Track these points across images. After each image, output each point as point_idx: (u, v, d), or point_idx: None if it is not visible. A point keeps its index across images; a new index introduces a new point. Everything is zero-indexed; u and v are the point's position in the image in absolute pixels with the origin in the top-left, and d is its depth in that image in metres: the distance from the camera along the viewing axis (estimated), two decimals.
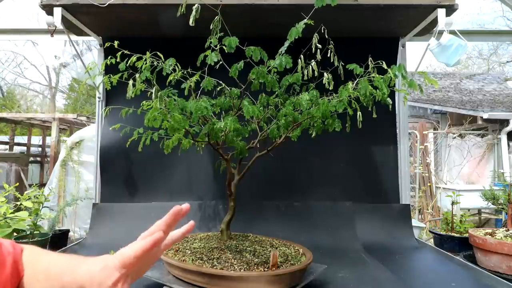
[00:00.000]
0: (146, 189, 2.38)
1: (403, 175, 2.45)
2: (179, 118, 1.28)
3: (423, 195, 6.27)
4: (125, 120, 1.64)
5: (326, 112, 1.28)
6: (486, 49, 17.19)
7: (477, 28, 10.60)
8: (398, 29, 2.35)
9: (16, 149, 7.66)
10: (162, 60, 1.43)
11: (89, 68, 1.71)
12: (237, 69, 1.32)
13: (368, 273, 1.60)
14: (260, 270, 1.24)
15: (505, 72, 14.84)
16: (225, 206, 2.25)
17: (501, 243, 1.70)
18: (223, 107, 1.56)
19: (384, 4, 1.97)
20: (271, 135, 1.51)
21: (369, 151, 2.44)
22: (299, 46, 1.37)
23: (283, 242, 1.62)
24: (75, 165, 4.43)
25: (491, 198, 2.31)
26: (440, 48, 2.00)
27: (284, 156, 2.28)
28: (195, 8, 1.33)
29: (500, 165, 6.59)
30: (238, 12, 2.03)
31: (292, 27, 1.29)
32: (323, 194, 2.35)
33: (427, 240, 2.64)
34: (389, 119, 2.45)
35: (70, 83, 16.84)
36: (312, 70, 1.41)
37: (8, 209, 2.00)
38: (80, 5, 1.98)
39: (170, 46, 1.93)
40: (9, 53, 15.94)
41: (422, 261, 1.98)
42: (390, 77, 1.26)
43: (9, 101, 16.04)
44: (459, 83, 9.58)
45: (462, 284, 1.53)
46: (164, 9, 2.00)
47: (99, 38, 2.44)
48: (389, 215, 2.31)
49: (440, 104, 7.82)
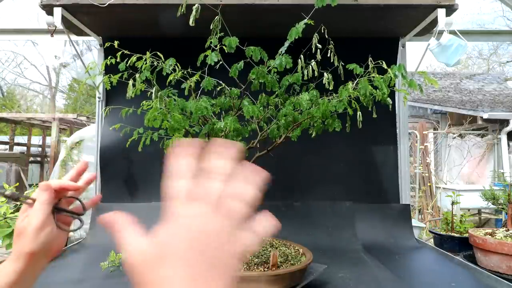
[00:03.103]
0: (146, 189, 2.38)
1: (403, 175, 2.45)
2: (179, 118, 1.28)
3: (423, 195, 6.27)
4: (125, 120, 1.64)
5: (326, 112, 1.28)
6: (486, 49, 17.20)
7: (477, 28, 10.60)
8: (398, 29, 2.35)
9: (16, 149, 7.66)
10: (162, 60, 1.43)
11: (89, 68, 1.71)
12: (237, 69, 1.32)
13: (368, 273, 1.60)
14: (260, 270, 1.24)
15: (505, 72, 14.85)
16: None
17: (501, 243, 1.70)
18: (223, 107, 1.56)
19: (384, 4, 1.97)
20: (271, 135, 1.51)
21: (369, 151, 2.44)
22: (299, 46, 1.37)
23: (283, 242, 1.62)
24: (75, 165, 4.43)
25: (491, 198, 2.31)
26: (440, 48, 2.00)
27: (284, 156, 2.27)
28: (195, 8, 1.33)
29: (500, 165, 6.59)
30: (238, 12, 2.03)
31: (292, 27, 1.29)
32: (323, 194, 2.34)
33: (427, 240, 2.64)
34: (389, 119, 2.45)
35: (70, 83, 16.86)
36: (312, 70, 1.41)
37: (8, 209, 2.00)
38: (80, 5, 1.98)
39: (170, 46, 1.92)
40: (9, 53, 15.95)
41: (422, 261, 1.98)
42: (390, 77, 1.26)
43: (9, 101, 16.04)
44: (459, 83, 9.58)
45: (462, 284, 1.53)
46: (164, 9, 2.00)
47: (99, 38, 2.44)
48: (389, 215, 2.31)
49: (440, 104, 7.83)
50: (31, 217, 0.62)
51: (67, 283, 1.44)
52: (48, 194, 0.65)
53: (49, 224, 0.63)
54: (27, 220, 0.63)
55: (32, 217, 0.63)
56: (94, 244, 2.02)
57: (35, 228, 0.61)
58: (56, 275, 1.49)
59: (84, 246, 2.02)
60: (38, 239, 0.61)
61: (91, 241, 2.08)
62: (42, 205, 0.63)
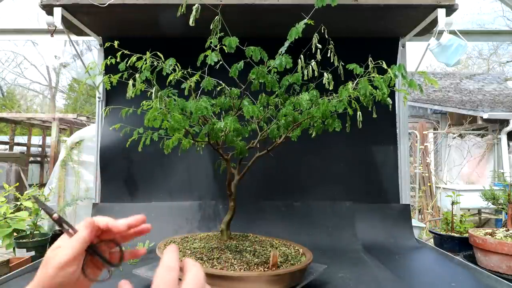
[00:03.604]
0: (146, 189, 2.38)
1: (403, 175, 2.45)
2: (179, 118, 1.28)
3: (423, 195, 6.27)
4: (125, 120, 1.64)
5: (326, 112, 1.28)
6: (486, 49, 17.20)
7: (477, 28, 10.60)
8: (398, 29, 2.35)
9: (16, 149, 7.66)
10: (162, 60, 1.43)
11: (89, 68, 1.71)
12: (237, 69, 1.32)
13: (368, 273, 1.60)
14: (260, 270, 1.24)
15: (505, 72, 14.85)
16: (225, 206, 2.25)
17: (501, 243, 1.70)
18: (223, 107, 1.56)
19: (384, 4, 1.97)
20: (271, 135, 1.51)
21: (369, 151, 2.44)
22: (299, 46, 1.37)
23: (283, 242, 1.62)
24: (75, 165, 4.43)
25: (491, 198, 2.31)
26: (440, 48, 2.00)
27: (284, 156, 2.28)
28: (195, 8, 1.33)
29: (500, 165, 6.59)
30: (238, 12, 2.03)
31: (292, 27, 1.29)
32: (323, 194, 2.35)
33: (427, 240, 2.64)
34: (389, 119, 2.45)
35: (70, 83, 16.86)
36: (312, 70, 1.41)
37: (8, 209, 2.00)
38: (80, 5, 1.98)
39: (170, 46, 1.93)
40: (9, 53, 15.95)
41: (422, 261, 1.98)
42: (390, 77, 1.26)
43: (9, 101, 16.04)
44: (459, 83, 9.58)
45: (462, 284, 1.53)
46: (164, 9, 2.00)
47: (99, 38, 2.44)
48: (389, 215, 2.31)
49: (440, 104, 7.82)
50: (60, 251, 0.58)
51: None
52: (87, 233, 0.59)
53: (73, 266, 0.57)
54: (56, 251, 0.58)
55: (61, 251, 0.58)
56: None
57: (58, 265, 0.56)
58: None
59: None
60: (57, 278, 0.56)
61: None
62: (76, 242, 0.58)
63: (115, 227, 0.63)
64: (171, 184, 2.38)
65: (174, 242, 1.53)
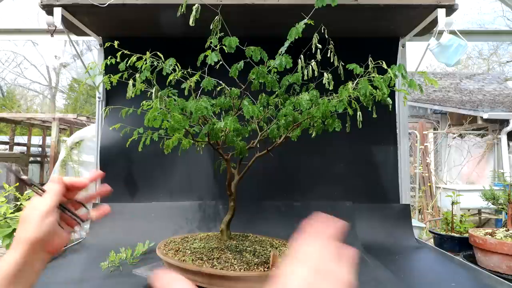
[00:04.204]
0: (146, 189, 2.38)
1: (403, 175, 2.45)
2: (179, 118, 1.28)
3: (423, 195, 6.27)
4: (125, 120, 1.64)
5: (326, 112, 1.28)
6: (486, 49, 17.21)
7: (477, 28, 10.60)
8: (398, 29, 2.35)
9: (16, 149, 7.66)
10: (162, 60, 1.43)
11: (89, 68, 1.71)
12: (237, 69, 1.32)
13: (368, 273, 1.60)
14: (260, 270, 1.24)
15: (505, 72, 14.86)
16: (225, 206, 2.25)
17: (501, 243, 1.70)
18: (223, 107, 1.56)
19: (384, 4, 1.97)
20: (271, 135, 1.50)
21: (369, 151, 2.44)
22: (299, 46, 1.37)
23: (283, 242, 1.62)
24: (75, 165, 4.43)
25: (491, 198, 2.31)
26: (440, 48, 2.00)
27: (284, 156, 2.28)
28: (195, 8, 1.33)
29: (500, 165, 6.60)
30: (238, 12, 2.03)
31: (292, 27, 1.29)
32: (323, 194, 2.35)
33: (427, 240, 2.64)
34: (389, 119, 2.45)
35: (70, 83, 16.87)
36: (312, 70, 1.41)
37: (8, 209, 2.00)
38: (80, 5, 1.97)
39: (170, 46, 1.93)
40: (9, 53, 15.96)
41: (422, 261, 1.98)
42: (390, 77, 1.26)
43: (9, 101, 16.04)
44: (459, 83, 9.58)
45: (462, 284, 1.53)
46: (164, 9, 2.00)
47: (99, 38, 2.44)
48: (389, 215, 2.31)
49: (440, 104, 7.83)
50: (39, 204, 0.64)
51: (67, 283, 1.44)
52: (59, 186, 0.67)
53: (53, 215, 0.64)
54: (34, 206, 0.64)
55: (40, 203, 0.64)
56: (94, 244, 2.02)
57: (41, 214, 0.62)
58: (56, 275, 1.49)
59: (84, 246, 2.02)
60: (42, 226, 0.62)
61: (91, 241, 2.08)
62: (51, 194, 0.65)
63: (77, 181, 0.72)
64: (171, 184, 2.38)
65: (174, 242, 1.53)
